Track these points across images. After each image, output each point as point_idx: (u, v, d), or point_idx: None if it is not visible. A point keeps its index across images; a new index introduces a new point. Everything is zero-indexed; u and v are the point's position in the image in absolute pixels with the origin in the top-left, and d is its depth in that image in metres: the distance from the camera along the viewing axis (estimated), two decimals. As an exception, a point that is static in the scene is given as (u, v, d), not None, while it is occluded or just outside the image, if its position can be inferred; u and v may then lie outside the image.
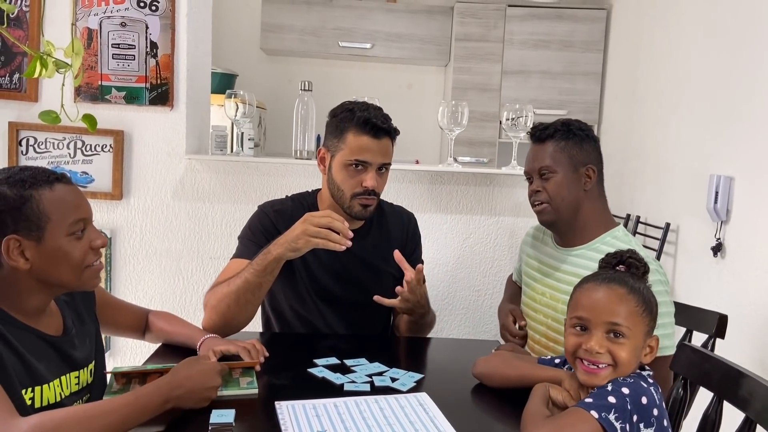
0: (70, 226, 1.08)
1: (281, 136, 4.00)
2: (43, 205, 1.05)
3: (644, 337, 1.05)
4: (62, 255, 1.08)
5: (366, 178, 1.55)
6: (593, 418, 0.96)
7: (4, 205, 1.04)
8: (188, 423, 1.04)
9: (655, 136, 3.12)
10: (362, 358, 1.41)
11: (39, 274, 1.08)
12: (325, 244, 1.36)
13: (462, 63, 4.02)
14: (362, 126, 1.53)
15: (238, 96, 2.13)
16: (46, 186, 1.07)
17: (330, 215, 1.38)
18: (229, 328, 1.47)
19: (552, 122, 1.57)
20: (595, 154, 1.56)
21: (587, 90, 3.99)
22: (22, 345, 1.06)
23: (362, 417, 1.10)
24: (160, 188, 2.21)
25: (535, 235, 1.74)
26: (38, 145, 2.13)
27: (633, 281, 1.07)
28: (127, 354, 2.25)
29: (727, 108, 2.44)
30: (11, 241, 1.04)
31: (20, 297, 1.09)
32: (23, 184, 1.05)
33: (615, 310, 1.03)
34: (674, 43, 3.00)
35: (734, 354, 1.45)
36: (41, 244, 1.06)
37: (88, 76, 2.12)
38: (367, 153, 1.54)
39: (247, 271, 1.44)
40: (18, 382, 1.03)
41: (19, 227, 1.04)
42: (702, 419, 1.24)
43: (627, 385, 1.01)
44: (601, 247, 1.51)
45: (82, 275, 1.12)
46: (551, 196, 1.53)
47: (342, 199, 1.58)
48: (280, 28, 4.10)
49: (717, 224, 2.40)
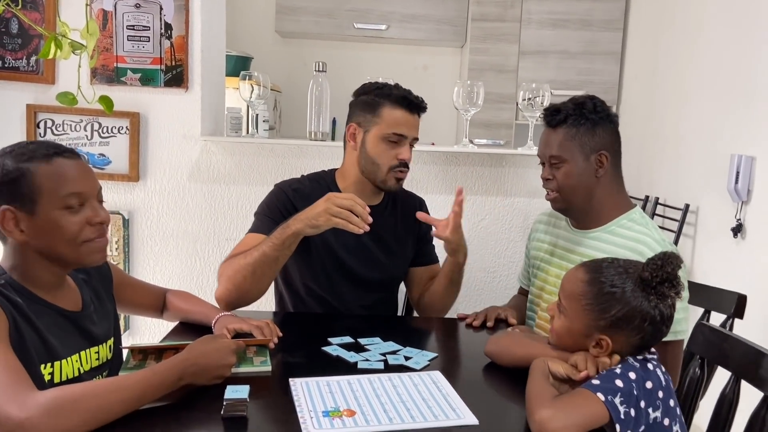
0: (63, 200, 1.09)
1: (297, 119, 3.99)
2: (37, 178, 1.07)
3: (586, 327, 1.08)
4: (55, 228, 1.09)
5: (402, 151, 1.61)
6: (599, 401, 0.96)
7: (2, 176, 1.07)
8: (204, 398, 1.06)
9: (675, 116, 3.07)
10: (376, 337, 1.42)
11: (38, 246, 1.10)
12: (345, 224, 1.39)
13: (478, 44, 3.97)
14: (400, 101, 1.60)
15: (252, 78, 2.12)
16: (44, 160, 1.09)
17: (353, 198, 1.41)
18: (242, 299, 1.49)
19: (565, 103, 1.50)
20: (609, 137, 1.49)
21: (606, 70, 3.92)
22: (40, 320, 1.08)
23: (376, 394, 1.10)
24: (176, 170, 2.23)
25: (548, 221, 1.71)
26: (56, 127, 2.15)
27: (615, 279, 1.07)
28: (146, 333, 2.29)
29: (749, 87, 2.39)
30: (7, 213, 1.07)
31: (31, 270, 1.11)
32: (22, 157, 1.08)
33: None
34: (695, 22, 2.93)
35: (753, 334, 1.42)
36: (34, 217, 1.08)
37: (104, 58, 2.13)
38: (404, 126, 1.61)
39: (265, 245, 1.46)
40: (36, 357, 1.05)
41: (15, 199, 1.07)
42: (719, 399, 1.23)
43: (634, 369, 1.02)
44: (617, 230, 1.49)
45: (79, 249, 1.12)
46: (561, 186, 1.49)
47: (377, 172, 1.62)
48: (295, 10, 4.08)
49: (737, 205, 2.36)
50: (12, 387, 0.91)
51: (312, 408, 1.04)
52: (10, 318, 1.02)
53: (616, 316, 1.06)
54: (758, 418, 1.13)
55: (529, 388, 1.05)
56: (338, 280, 1.66)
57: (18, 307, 1.05)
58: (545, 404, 0.98)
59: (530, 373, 1.10)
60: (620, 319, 1.06)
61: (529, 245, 1.75)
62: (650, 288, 1.05)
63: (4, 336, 0.99)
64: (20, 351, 1.00)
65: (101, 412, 0.94)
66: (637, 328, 1.05)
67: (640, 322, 1.05)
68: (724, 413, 1.22)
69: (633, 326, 1.05)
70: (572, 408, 0.97)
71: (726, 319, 1.60)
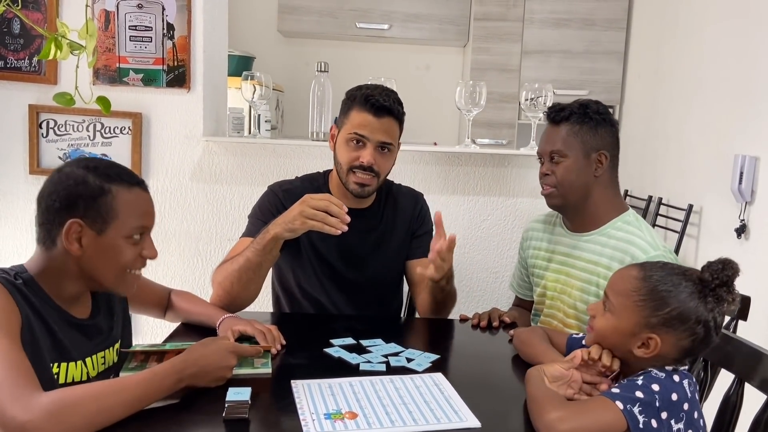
0: (132, 230, 1.12)
1: (299, 119, 3.98)
2: (117, 201, 1.10)
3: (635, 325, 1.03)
4: (114, 253, 1.11)
5: (363, 154, 1.56)
6: (617, 409, 0.94)
7: (84, 190, 1.08)
8: (205, 400, 1.05)
9: (679, 116, 3.06)
10: (378, 338, 1.41)
11: (86, 264, 1.11)
12: (320, 227, 1.35)
13: (481, 43, 3.96)
14: (364, 103, 1.56)
15: (254, 78, 2.12)
16: (126, 186, 1.12)
17: (328, 198, 1.37)
18: (233, 304, 1.49)
19: (570, 103, 1.53)
20: (610, 139, 1.51)
21: (609, 69, 3.91)
22: (54, 323, 1.09)
23: (378, 396, 1.10)
24: (178, 170, 2.23)
25: (542, 228, 1.69)
26: (58, 127, 2.15)
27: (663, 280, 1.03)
28: (147, 334, 2.29)
29: (753, 87, 2.38)
30: (74, 225, 1.07)
31: (61, 281, 1.12)
32: (107, 177, 1.10)
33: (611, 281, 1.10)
34: (699, 21, 2.92)
35: (757, 336, 1.42)
36: (100, 237, 1.10)
37: (106, 59, 2.13)
38: (366, 128, 1.56)
39: (248, 250, 1.45)
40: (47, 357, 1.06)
41: (87, 214, 1.08)
42: (723, 401, 1.22)
43: (658, 381, 0.98)
44: (611, 232, 1.50)
45: (124, 278, 1.15)
46: (559, 181, 1.50)
47: (341, 173, 1.61)
48: (297, 10, 4.07)
49: (741, 205, 2.35)
50: (18, 387, 0.91)
51: (314, 410, 1.03)
52: (24, 316, 1.03)
53: (670, 315, 1.00)
54: (761, 420, 1.13)
55: (532, 392, 1.04)
56: (327, 283, 1.65)
57: (33, 306, 1.06)
58: (556, 406, 0.97)
59: (528, 381, 1.08)
60: (674, 318, 1.00)
61: (524, 253, 1.73)
62: (708, 290, 1.00)
63: (16, 334, 0.99)
64: (32, 348, 1.01)
65: (102, 414, 0.94)
66: (689, 329, 1.00)
67: (693, 324, 1.00)
68: (728, 416, 1.21)
69: (686, 327, 1.00)
70: (585, 412, 0.96)
71: (730, 320, 1.60)
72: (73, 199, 1.07)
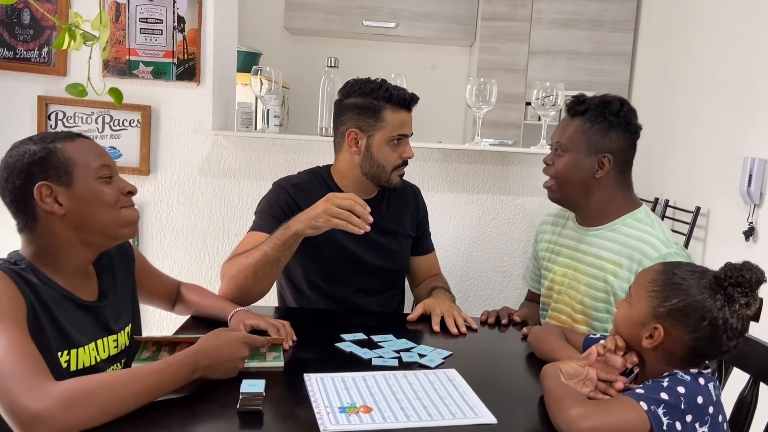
0: (96, 170, 1.12)
1: (304, 116, 3.99)
2: (66, 152, 1.10)
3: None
4: (94, 195, 1.11)
5: (406, 149, 1.65)
6: (641, 409, 0.93)
7: (30, 157, 1.08)
8: (219, 392, 1.05)
9: (686, 118, 3.05)
10: (389, 334, 1.41)
11: (75, 220, 1.10)
12: (345, 225, 1.38)
13: (488, 43, 3.96)
14: (396, 102, 1.61)
15: (263, 72, 2.12)
16: (68, 139, 1.12)
17: (353, 198, 1.40)
18: (245, 299, 1.48)
19: (593, 97, 1.51)
20: (621, 143, 1.48)
21: (616, 71, 3.90)
22: (58, 309, 1.07)
23: (392, 391, 1.09)
24: (186, 164, 2.22)
25: (554, 221, 1.70)
26: (67, 119, 2.14)
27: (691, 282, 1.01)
28: (153, 327, 2.28)
29: (762, 89, 2.37)
30: (42, 188, 1.07)
31: (60, 255, 1.11)
32: (46, 140, 1.11)
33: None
34: (707, 22, 2.92)
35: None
36: (72, 188, 1.09)
37: (116, 51, 2.12)
38: (406, 126, 1.65)
39: (266, 245, 1.45)
40: (54, 344, 1.04)
41: (48, 174, 1.08)
42: (737, 401, 1.22)
43: (684, 383, 0.97)
44: (622, 228, 1.49)
45: (117, 217, 1.14)
46: (557, 173, 1.51)
47: (382, 174, 1.65)
48: (304, 7, 4.07)
49: (750, 208, 2.34)
50: (30, 376, 0.90)
51: (328, 403, 1.03)
52: (29, 303, 1.02)
53: (676, 306, 0.99)
54: (777, 421, 1.12)
55: (551, 389, 1.03)
56: (350, 273, 1.66)
57: (36, 292, 1.05)
58: (577, 403, 0.96)
59: (545, 378, 1.07)
60: (680, 309, 0.99)
61: (537, 246, 1.74)
62: (720, 288, 0.98)
63: (22, 322, 0.98)
64: (38, 337, 1.00)
65: (116, 403, 0.94)
66: (693, 325, 0.98)
67: (698, 320, 0.97)
68: (743, 416, 1.20)
69: (690, 322, 0.98)
70: (607, 411, 0.95)
71: (741, 321, 1.59)
72: (27, 170, 1.07)
